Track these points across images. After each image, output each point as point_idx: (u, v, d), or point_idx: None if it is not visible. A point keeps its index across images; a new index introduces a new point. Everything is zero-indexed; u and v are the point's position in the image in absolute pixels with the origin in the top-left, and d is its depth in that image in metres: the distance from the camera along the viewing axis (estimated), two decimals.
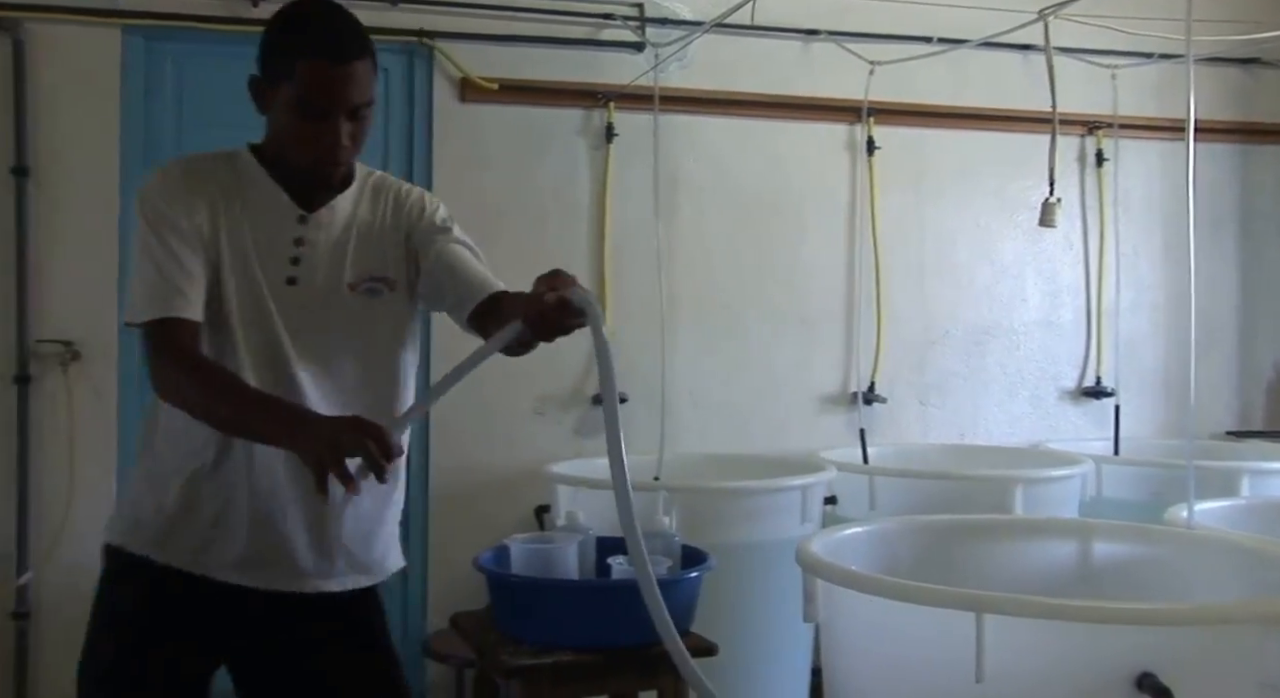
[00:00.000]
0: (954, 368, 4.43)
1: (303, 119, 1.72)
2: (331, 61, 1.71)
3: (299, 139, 1.74)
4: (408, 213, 1.90)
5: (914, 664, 1.93)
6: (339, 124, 1.72)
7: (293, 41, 1.73)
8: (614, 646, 2.03)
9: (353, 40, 1.75)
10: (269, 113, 1.77)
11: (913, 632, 1.92)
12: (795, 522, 3.31)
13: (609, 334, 1.71)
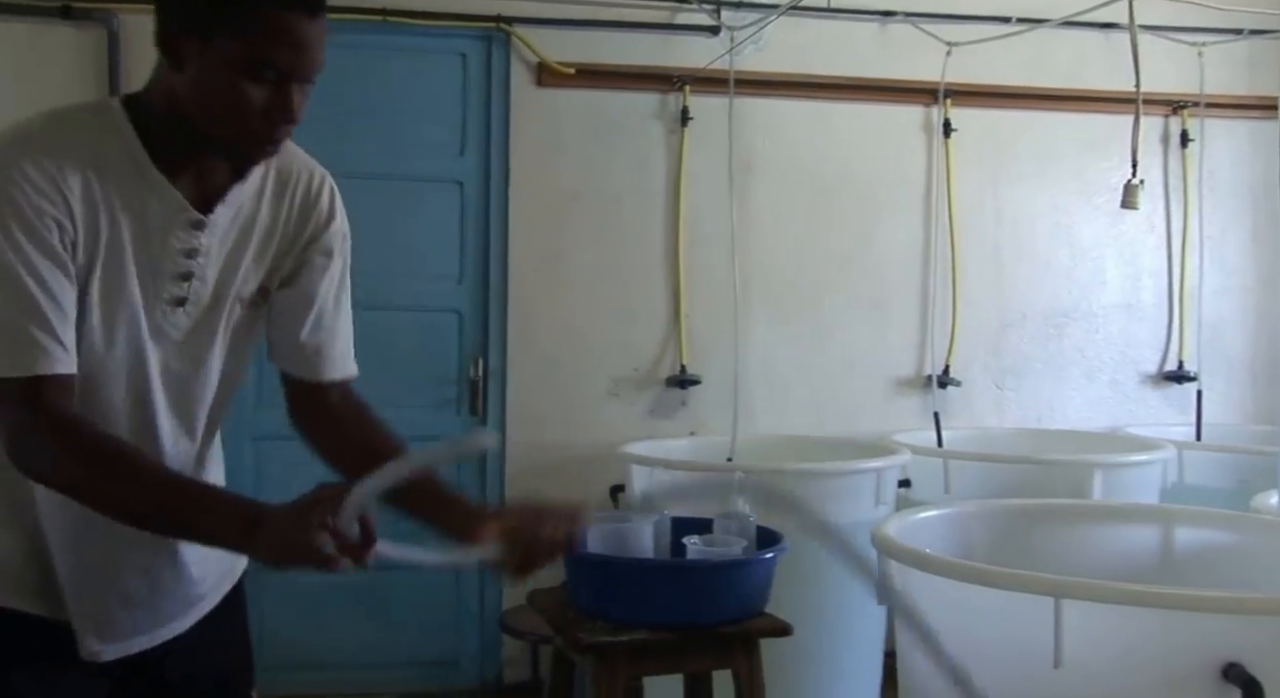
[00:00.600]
0: (1030, 351, 4.38)
1: (251, 82, 1.33)
2: (308, 12, 1.35)
3: (236, 107, 1.34)
4: (315, 219, 1.55)
5: (990, 649, 1.92)
6: (293, 92, 1.35)
7: None
8: (689, 625, 2.06)
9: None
10: (187, 78, 1.35)
11: (989, 616, 1.91)
12: (869, 505, 3.31)
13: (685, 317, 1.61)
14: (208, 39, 1.33)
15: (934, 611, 2.06)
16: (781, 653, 2.39)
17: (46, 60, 3.63)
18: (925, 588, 2.05)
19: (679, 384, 4.04)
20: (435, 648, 3.95)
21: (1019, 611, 1.83)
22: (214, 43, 1.32)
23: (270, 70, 1.33)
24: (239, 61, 1.32)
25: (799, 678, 3.17)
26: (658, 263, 4.07)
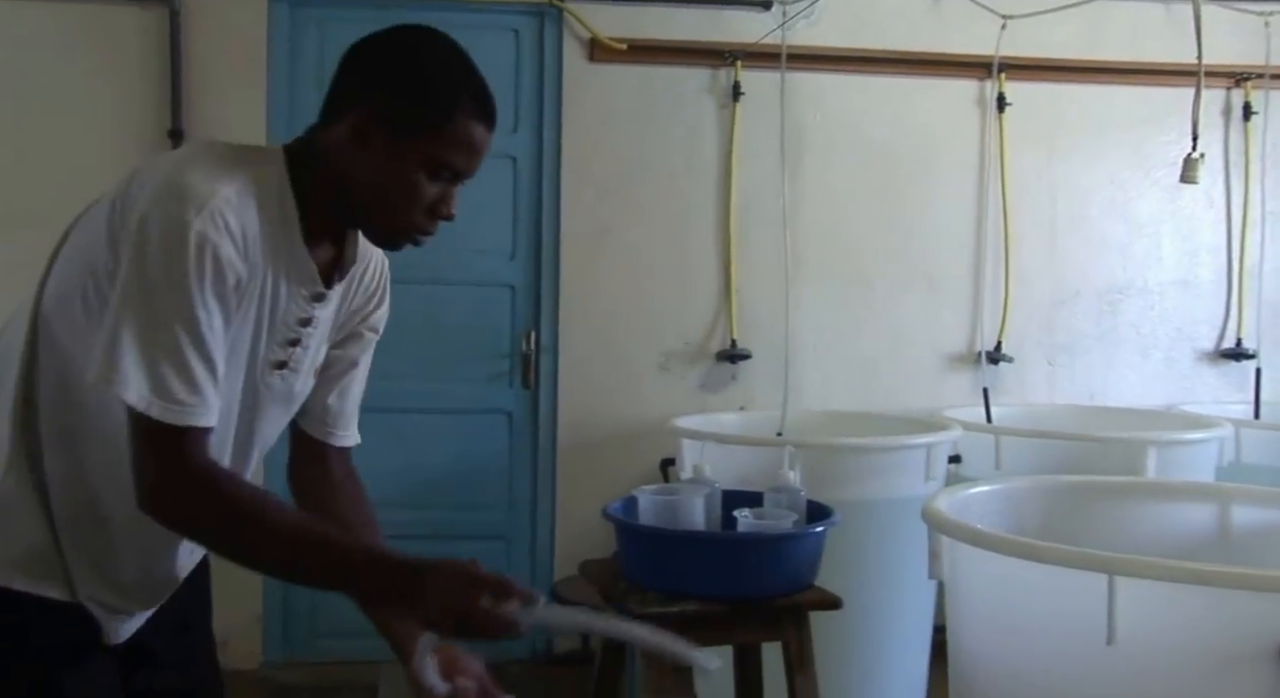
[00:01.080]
0: (1084, 328, 4.34)
1: (428, 179, 1.39)
2: (488, 125, 1.41)
3: (407, 199, 1.39)
4: (376, 298, 1.62)
5: (1041, 625, 1.93)
6: (454, 193, 1.43)
7: (454, 89, 1.39)
8: (739, 597, 2.08)
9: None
10: (362, 158, 1.38)
11: (1041, 592, 1.92)
12: (919, 480, 3.31)
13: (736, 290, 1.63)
14: (403, 133, 1.37)
15: (985, 587, 2.07)
16: (831, 626, 2.40)
17: (110, 40, 3.70)
18: (976, 564, 2.06)
19: (729, 358, 4.05)
20: None
21: (1072, 587, 1.82)
22: (409, 141, 1.37)
23: (448, 172, 1.40)
24: (426, 160, 1.38)
25: (848, 651, 3.18)
26: (709, 237, 4.07)
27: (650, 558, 2.13)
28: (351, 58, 1.43)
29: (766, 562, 2.08)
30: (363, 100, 1.38)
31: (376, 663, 3.80)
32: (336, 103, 1.41)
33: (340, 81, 1.43)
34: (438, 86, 1.39)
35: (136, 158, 3.65)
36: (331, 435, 1.63)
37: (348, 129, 1.38)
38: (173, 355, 1.28)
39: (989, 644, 2.07)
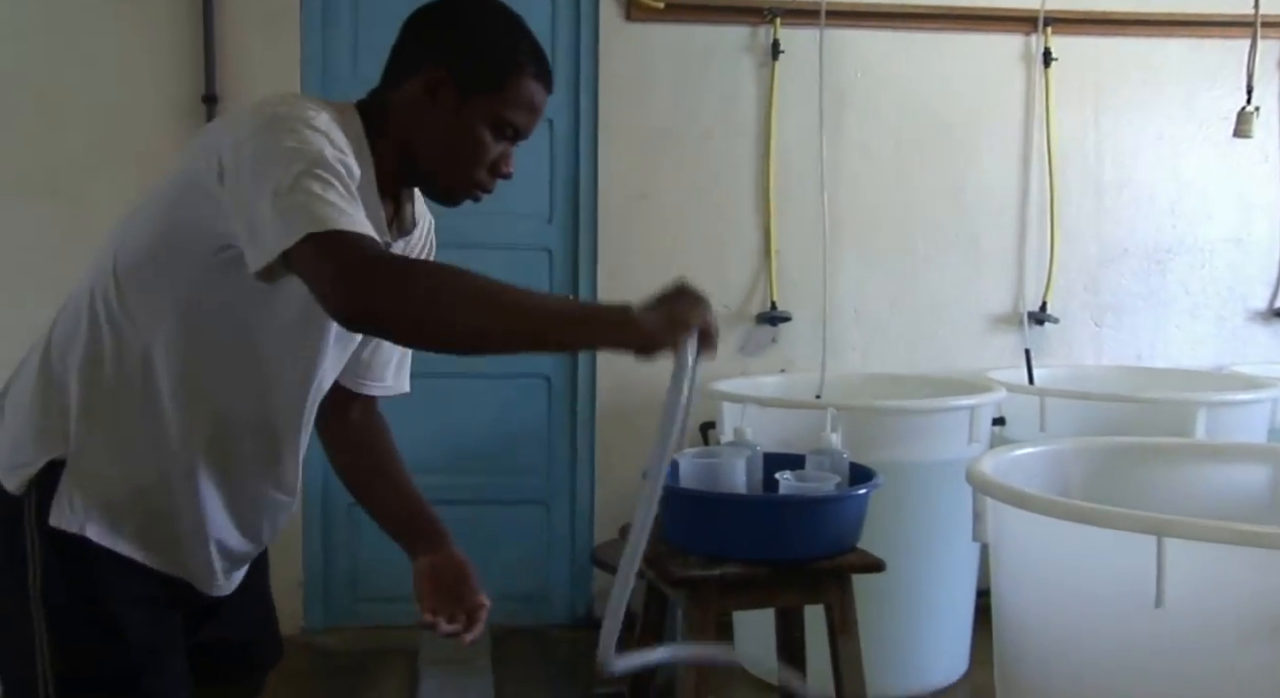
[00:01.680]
0: (1132, 287, 4.27)
1: (493, 137, 1.49)
2: (547, 86, 1.51)
3: (473, 156, 1.49)
4: (425, 256, 1.72)
5: (1088, 588, 1.90)
6: (512, 152, 1.53)
7: (516, 49, 1.49)
8: (781, 560, 2.06)
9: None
10: (431, 116, 1.47)
11: (1088, 554, 1.89)
12: (963, 442, 3.27)
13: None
14: (470, 91, 1.46)
15: (1030, 550, 2.04)
16: (874, 589, 2.39)
17: (143, 3, 3.69)
18: (1022, 527, 2.03)
19: (769, 321, 4.02)
20: (526, 582, 4.03)
21: (1119, 550, 1.80)
22: (475, 98, 1.46)
23: (510, 129, 1.49)
24: (491, 118, 1.47)
25: (891, 614, 3.17)
26: (748, 199, 4.03)
27: (692, 521, 2.11)
28: (414, 23, 1.52)
29: (808, 524, 2.07)
30: (430, 62, 1.46)
31: (417, 628, 3.84)
32: (402, 65, 1.50)
33: (404, 46, 1.51)
34: (502, 48, 1.47)
35: (172, 123, 3.69)
36: (361, 385, 1.72)
37: (417, 88, 1.46)
38: (316, 191, 1.26)
39: (1034, 607, 2.05)
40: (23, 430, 1.52)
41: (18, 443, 1.52)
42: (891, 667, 3.20)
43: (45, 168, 3.66)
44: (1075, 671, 1.92)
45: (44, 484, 1.50)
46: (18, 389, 1.56)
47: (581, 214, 3.96)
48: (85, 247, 3.60)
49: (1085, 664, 1.90)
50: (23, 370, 1.57)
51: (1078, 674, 1.91)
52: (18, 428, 1.53)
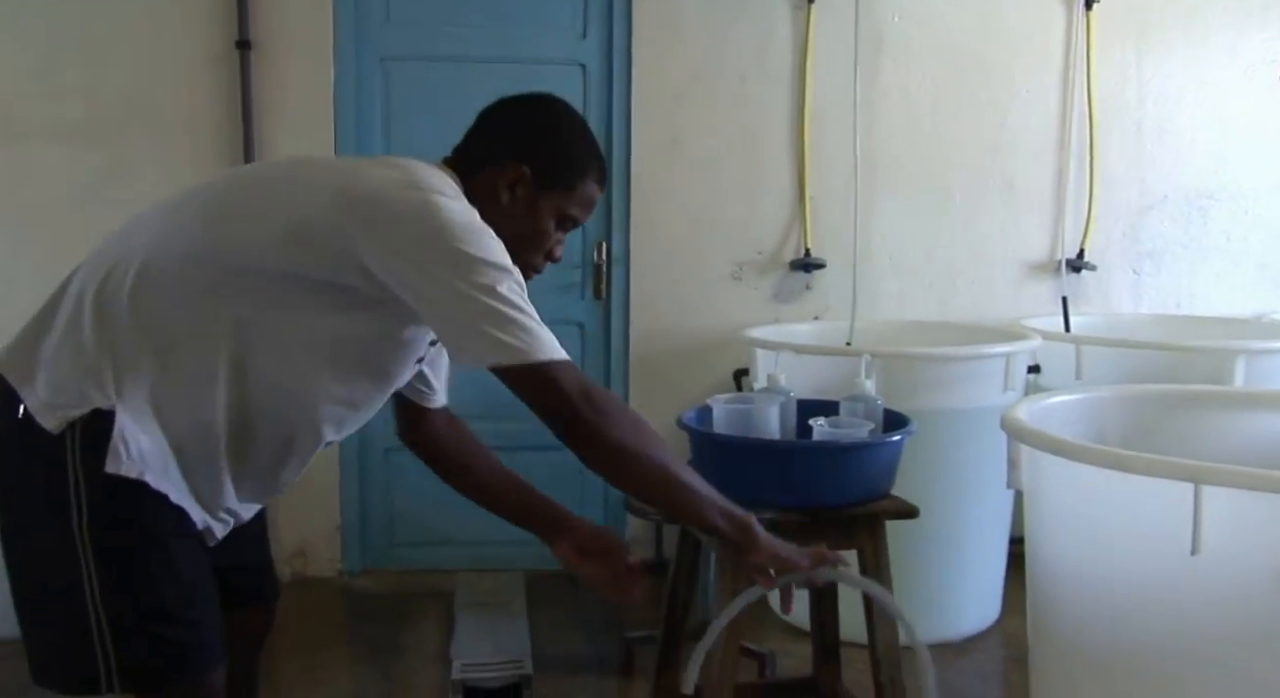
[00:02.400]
0: (1171, 234, 4.21)
1: (555, 228, 1.74)
2: (604, 186, 1.79)
3: (535, 240, 1.73)
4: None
5: (1123, 534, 1.89)
6: (564, 240, 1.79)
7: (588, 155, 1.75)
8: (814, 506, 2.07)
9: None
10: (506, 205, 1.69)
11: (1123, 502, 1.88)
12: (997, 391, 3.26)
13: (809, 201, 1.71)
14: (543, 188, 1.70)
15: (1066, 497, 2.03)
16: (907, 536, 2.39)
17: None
18: (1058, 474, 2.02)
19: (803, 267, 4.00)
20: None
21: (1156, 497, 1.78)
22: (547, 192, 1.71)
23: (570, 223, 1.75)
24: (558, 213, 1.72)
25: (924, 562, 3.18)
26: (782, 144, 3.99)
27: (725, 467, 2.12)
28: (503, 117, 1.76)
29: (842, 471, 2.06)
30: (514, 158, 1.69)
31: (452, 571, 3.90)
32: (486, 152, 1.72)
33: (491, 134, 1.74)
34: (577, 154, 1.74)
35: (206, 71, 3.68)
36: (434, 399, 1.95)
37: (499, 179, 1.69)
38: (525, 316, 1.55)
39: (1069, 554, 2.05)
40: (68, 374, 1.56)
41: (60, 385, 1.56)
42: (924, 614, 3.18)
43: (81, 114, 3.67)
44: (1109, 618, 1.92)
45: (90, 430, 1.54)
46: (65, 332, 1.59)
47: (614, 161, 3.93)
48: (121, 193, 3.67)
49: (1119, 612, 1.90)
50: (63, 313, 1.60)
51: (1111, 622, 1.91)
52: (62, 371, 1.57)
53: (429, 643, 3.33)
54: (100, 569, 1.55)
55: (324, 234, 1.54)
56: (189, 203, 1.65)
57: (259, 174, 1.70)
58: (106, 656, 1.56)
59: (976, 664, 3.27)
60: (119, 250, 1.62)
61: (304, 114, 3.74)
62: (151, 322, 1.57)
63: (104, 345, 1.56)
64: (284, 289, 1.57)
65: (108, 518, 1.55)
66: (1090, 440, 2.10)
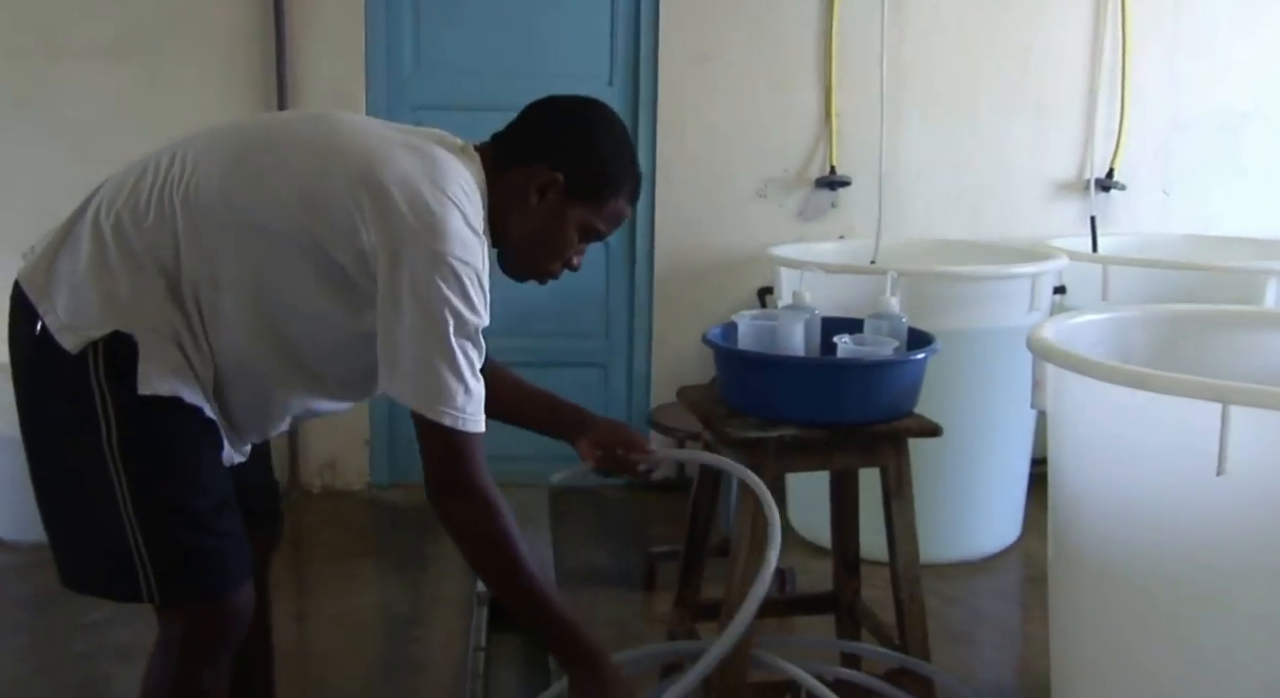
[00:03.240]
0: (1203, 154, 4.15)
1: (579, 238, 1.72)
2: (633, 207, 1.79)
3: (557, 250, 1.72)
4: None
5: (1148, 455, 1.89)
6: (584, 251, 1.77)
7: (625, 173, 1.73)
8: (838, 422, 2.07)
9: None
10: (535, 203, 1.67)
11: (1148, 422, 1.87)
12: (1022, 311, 3.24)
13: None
14: (574, 199, 1.68)
15: (1091, 417, 2.03)
16: (930, 455, 2.40)
17: None
18: (1083, 394, 2.02)
19: (829, 185, 3.96)
20: None
21: (1183, 417, 1.78)
22: (576, 204, 1.68)
23: (596, 236, 1.73)
24: (585, 224, 1.70)
25: (946, 482, 3.20)
26: (809, 60, 3.93)
27: (749, 383, 2.12)
28: (547, 115, 1.73)
29: (866, 388, 2.06)
30: (550, 162, 1.66)
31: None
32: (523, 147, 1.69)
33: (532, 130, 1.72)
34: (613, 170, 1.71)
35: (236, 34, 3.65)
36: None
37: (531, 179, 1.66)
38: (462, 375, 1.54)
39: (1092, 474, 2.05)
40: (89, 295, 1.57)
41: (80, 305, 1.57)
42: (944, 533, 3.24)
43: (115, 33, 3.65)
44: (1131, 538, 1.93)
45: (112, 350, 1.56)
46: (86, 252, 1.59)
47: (641, 76, 3.89)
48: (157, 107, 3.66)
49: (1142, 531, 1.90)
50: (84, 233, 1.61)
51: (1133, 541, 1.92)
52: (82, 292, 1.58)
53: (455, 556, 3.36)
54: (132, 482, 1.58)
55: (334, 211, 1.54)
56: (219, 144, 1.64)
57: (290, 130, 1.66)
58: (144, 565, 1.60)
59: (996, 583, 3.30)
60: (142, 181, 1.61)
61: (335, 27, 3.71)
62: (162, 255, 1.58)
63: (124, 269, 1.57)
64: (280, 250, 1.57)
65: (139, 434, 1.58)
66: (1116, 360, 2.09)
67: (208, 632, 1.66)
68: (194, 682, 1.67)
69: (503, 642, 2.86)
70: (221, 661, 1.70)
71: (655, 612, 3.04)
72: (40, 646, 2.81)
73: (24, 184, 3.62)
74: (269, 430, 1.80)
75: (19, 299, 1.62)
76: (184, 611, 1.65)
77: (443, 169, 1.58)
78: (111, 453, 1.57)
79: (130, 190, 1.60)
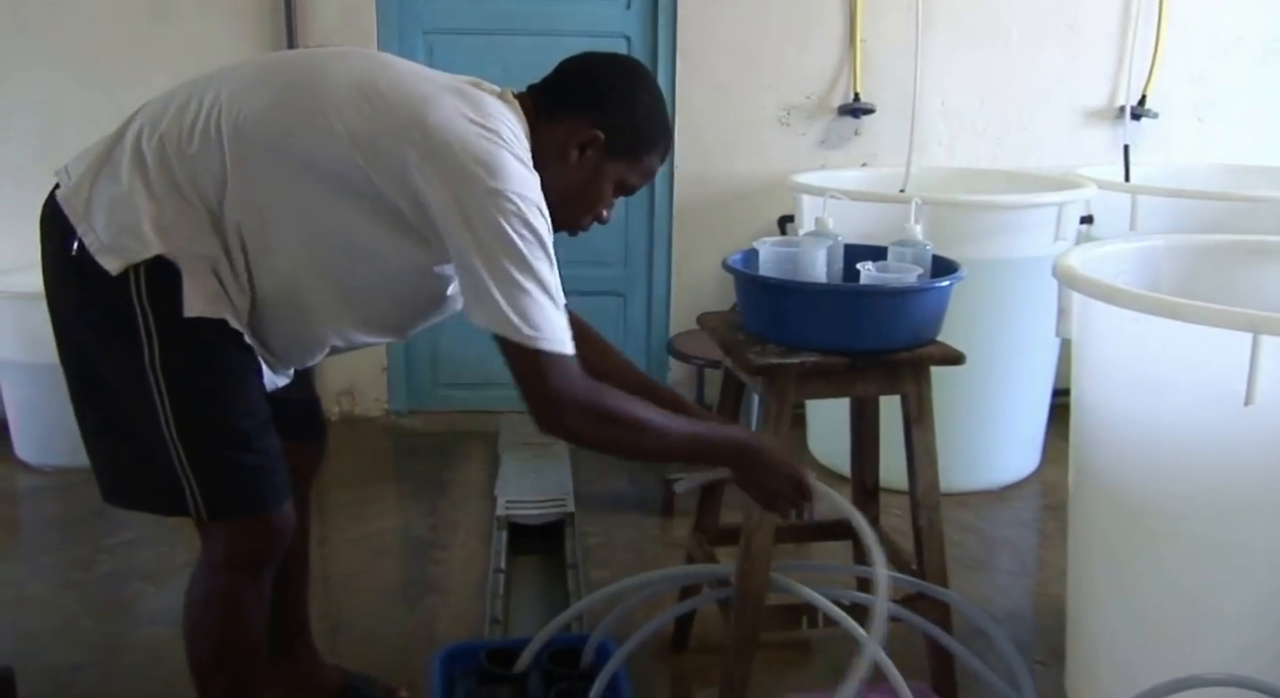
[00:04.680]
0: (1242, 80, 4.05)
1: (614, 193, 1.76)
2: (664, 163, 1.82)
3: (591, 203, 1.76)
4: None
5: (1174, 384, 1.87)
6: (614, 204, 1.81)
7: (660, 130, 1.77)
8: (859, 350, 2.05)
9: None
10: (574, 162, 1.71)
11: (1176, 352, 1.85)
12: (1047, 240, 3.20)
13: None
14: (613, 155, 1.72)
15: (1117, 346, 2.01)
16: (951, 384, 2.38)
17: None
18: (1109, 323, 1.99)
19: (852, 113, 3.90)
20: None
21: (1212, 347, 1.75)
22: (615, 159, 1.72)
23: (628, 190, 1.78)
24: (620, 179, 1.75)
25: (967, 410, 3.18)
26: None
27: (770, 310, 2.10)
28: (585, 71, 1.75)
29: (889, 315, 2.04)
30: (591, 119, 1.70)
31: (496, 412, 3.95)
32: (562, 102, 1.71)
33: (570, 86, 1.73)
34: (650, 129, 1.75)
35: None
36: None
37: (572, 134, 1.69)
38: (547, 300, 1.56)
39: (1116, 403, 2.03)
40: (131, 218, 1.58)
41: (123, 228, 1.58)
42: (964, 462, 3.24)
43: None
44: (1155, 467, 1.91)
45: (154, 273, 1.57)
46: (126, 176, 1.60)
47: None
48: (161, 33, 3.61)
49: (1166, 461, 1.89)
50: (122, 157, 1.61)
51: (1158, 471, 1.91)
52: (124, 214, 1.59)
53: (474, 481, 3.41)
54: (174, 401, 1.60)
55: (386, 155, 1.55)
56: (262, 81, 1.63)
57: (332, 71, 1.64)
58: (189, 481, 1.64)
59: (1014, 512, 3.30)
60: (186, 110, 1.61)
61: None
62: (206, 185, 1.59)
63: (167, 196, 1.58)
64: (333, 188, 1.58)
65: (184, 355, 1.60)
66: (1144, 290, 2.06)
67: (251, 547, 1.70)
68: (236, 596, 1.72)
69: (522, 564, 2.88)
70: (264, 575, 1.74)
71: (673, 537, 3.06)
72: (67, 566, 2.85)
73: (25, 107, 3.60)
74: (308, 360, 1.82)
75: (54, 219, 1.64)
76: (228, 526, 1.69)
77: (490, 110, 1.60)
78: (155, 372, 1.59)
79: (173, 118, 1.61)
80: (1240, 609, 1.85)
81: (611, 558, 2.93)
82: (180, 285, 1.57)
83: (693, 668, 2.42)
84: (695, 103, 3.87)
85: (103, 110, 3.65)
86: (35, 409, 3.42)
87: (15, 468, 3.48)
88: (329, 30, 3.66)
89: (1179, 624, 1.93)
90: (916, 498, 2.12)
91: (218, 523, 1.68)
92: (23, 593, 2.73)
